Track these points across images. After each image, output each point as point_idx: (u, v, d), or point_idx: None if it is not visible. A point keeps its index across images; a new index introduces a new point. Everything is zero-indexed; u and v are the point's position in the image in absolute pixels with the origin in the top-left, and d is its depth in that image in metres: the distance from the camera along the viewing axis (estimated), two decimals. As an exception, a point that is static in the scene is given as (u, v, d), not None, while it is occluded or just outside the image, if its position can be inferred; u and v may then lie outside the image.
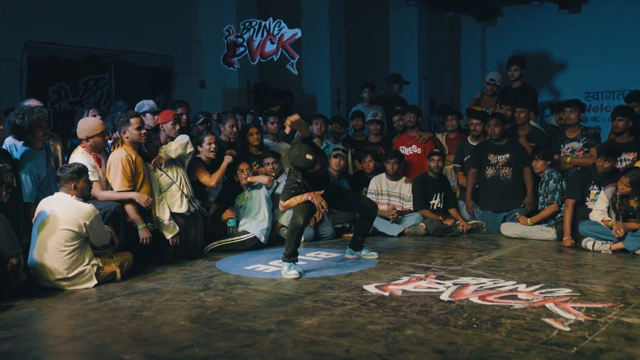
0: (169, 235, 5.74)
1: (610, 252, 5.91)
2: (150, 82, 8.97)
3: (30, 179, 5.09)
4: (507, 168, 7.23)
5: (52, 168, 5.32)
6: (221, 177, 6.43)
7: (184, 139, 6.06)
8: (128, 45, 8.59)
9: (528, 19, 12.81)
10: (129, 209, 5.45)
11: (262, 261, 5.72)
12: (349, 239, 6.09)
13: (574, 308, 4.01)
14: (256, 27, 7.79)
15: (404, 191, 7.47)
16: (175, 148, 5.96)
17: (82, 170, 4.91)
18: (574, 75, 12.26)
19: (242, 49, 7.92)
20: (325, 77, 10.58)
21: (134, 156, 5.56)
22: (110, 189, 5.50)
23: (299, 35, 7.58)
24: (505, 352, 3.23)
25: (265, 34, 7.71)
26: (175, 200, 5.88)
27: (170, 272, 5.35)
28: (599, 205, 6.12)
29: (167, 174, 5.86)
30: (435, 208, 7.41)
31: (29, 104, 5.43)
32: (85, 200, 4.93)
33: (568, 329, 3.59)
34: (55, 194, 4.89)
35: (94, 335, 3.65)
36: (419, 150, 7.98)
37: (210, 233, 6.47)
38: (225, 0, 9.47)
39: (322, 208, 5.26)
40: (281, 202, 5.50)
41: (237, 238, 6.37)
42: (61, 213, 4.73)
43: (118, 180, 5.43)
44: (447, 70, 13.71)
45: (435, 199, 7.44)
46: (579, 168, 6.91)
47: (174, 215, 5.83)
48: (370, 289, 4.63)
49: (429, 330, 3.62)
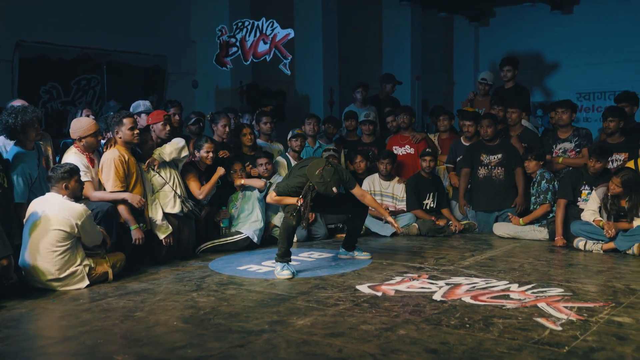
0: (162, 236, 5.72)
1: (601, 252, 5.94)
2: (142, 82, 8.94)
3: (22, 179, 5.05)
4: (500, 168, 7.25)
5: (43, 168, 5.28)
6: (210, 191, 6.29)
7: (180, 142, 5.99)
8: (120, 45, 8.56)
9: (520, 19, 12.85)
10: (122, 210, 5.43)
11: (255, 261, 5.72)
12: (341, 239, 6.09)
13: (566, 307, 4.03)
14: (249, 27, 7.78)
15: (397, 191, 7.48)
16: (169, 152, 5.91)
17: (74, 171, 4.89)
18: (566, 75, 12.31)
19: (235, 49, 7.90)
20: (318, 78, 10.57)
21: (126, 156, 5.54)
22: (103, 189, 5.48)
23: (292, 35, 7.57)
24: (498, 352, 3.24)
25: (258, 34, 7.69)
26: (168, 200, 5.86)
27: (163, 273, 5.34)
28: (591, 206, 6.15)
29: (160, 175, 5.84)
30: (428, 208, 7.42)
31: (15, 104, 5.37)
32: (77, 201, 4.91)
33: (560, 328, 3.61)
34: (47, 194, 4.87)
35: (86, 336, 3.64)
36: (412, 151, 7.99)
37: (203, 233, 6.46)
38: (218, 0, 9.45)
39: (305, 215, 5.23)
40: (272, 194, 5.44)
41: (230, 238, 6.35)
42: (52, 213, 4.71)
43: (110, 181, 5.42)
44: (440, 70, 13.74)
45: (428, 199, 7.45)
46: (571, 168, 6.94)
47: (166, 215, 5.82)
48: (363, 289, 4.64)
49: (422, 330, 3.63)
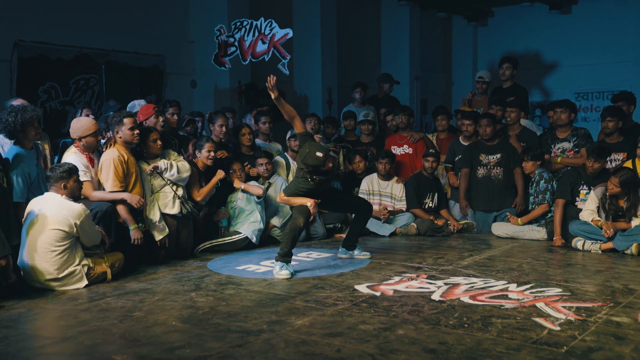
0: (158, 237, 5.71)
1: (600, 252, 5.94)
2: (141, 82, 8.93)
3: (21, 179, 5.05)
4: (499, 168, 7.26)
5: (42, 168, 5.28)
6: (208, 194, 6.27)
7: (189, 172, 6.02)
8: (119, 45, 8.55)
9: (519, 19, 12.88)
10: (121, 210, 5.43)
11: (254, 261, 5.72)
12: (340, 239, 6.09)
13: (564, 307, 4.03)
14: (247, 27, 7.77)
15: (396, 191, 7.49)
16: (179, 173, 5.85)
17: (73, 170, 4.89)
18: (564, 75, 12.34)
19: (234, 49, 7.89)
20: (316, 77, 10.58)
21: (126, 156, 5.54)
22: (103, 189, 5.48)
23: (291, 35, 7.56)
24: (496, 352, 3.24)
25: (256, 34, 7.69)
26: (167, 201, 5.85)
27: (162, 273, 5.33)
28: (589, 205, 6.15)
29: (162, 175, 5.83)
30: (427, 208, 7.42)
31: (15, 104, 5.37)
32: (76, 200, 4.90)
33: (558, 328, 3.62)
34: (46, 193, 4.86)
35: (84, 336, 3.63)
36: (410, 150, 8.00)
37: (202, 233, 6.44)
38: (216, 0, 9.45)
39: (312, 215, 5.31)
40: (281, 195, 5.48)
41: (229, 238, 6.35)
42: (51, 213, 4.71)
43: (109, 181, 5.41)
44: (439, 70, 13.75)
45: (428, 198, 7.45)
46: (569, 168, 6.95)
47: (165, 216, 5.81)
48: (362, 289, 4.64)
49: (420, 330, 3.63)
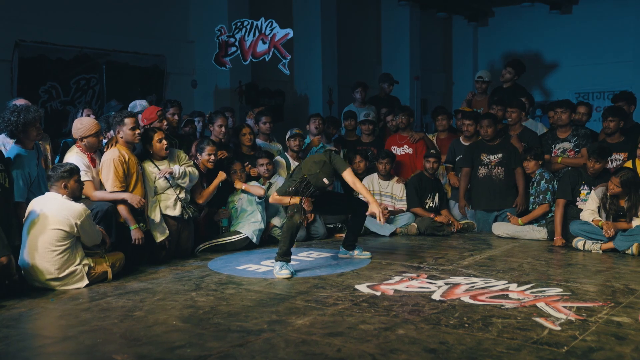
0: (159, 239, 5.71)
1: (600, 252, 5.94)
2: (141, 82, 8.93)
3: (22, 179, 5.06)
4: (500, 168, 7.25)
5: (42, 168, 5.29)
6: (210, 196, 6.28)
7: (197, 178, 6.07)
8: (119, 45, 8.56)
9: (519, 19, 12.88)
10: (122, 210, 5.43)
11: (254, 261, 5.72)
12: (340, 239, 6.09)
13: (565, 307, 4.03)
14: (248, 27, 7.78)
15: (396, 191, 7.49)
16: (190, 181, 5.92)
17: (74, 170, 4.89)
18: (565, 75, 12.34)
19: (234, 49, 7.90)
20: (317, 77, 10.58)
21: (127, 156, 5.54)
22: (104, 189, 5.48)
23: (291, 35, 7.57)
24: (497, 352, 3.24)
25: (257, 34, 7.69)
26: (170, 202, 5.84)
27: (162, 272, 5.33)
28: (590, 205, 6.15)
29: (169, 181, 5.83)
30: (427, 208, 7.41)
31: (18, 103, 5.38)
32: (77, 200, 4.91)
33: (559, 328, 3.61)
34: (46, 193, 4.87)
35: (85, 335, 3.63)
36: (410, 151, 7.99)
37: (203, 234, 6.43)
38: (217, 0, 9.46)
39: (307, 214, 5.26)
40: (274, 195, 5.49)
41: (229, 238, 6.34)
42: (52, 213, 4.71)
43: (110, 181, 5.42)
44: (439, 70, 13.75)
45: (429, 199, 7.45)
46: (570, 168, 6.94)
47: (166, 217, 5.82)
48: (362, 288, 4.64)
49: (421, 329, 3.63)
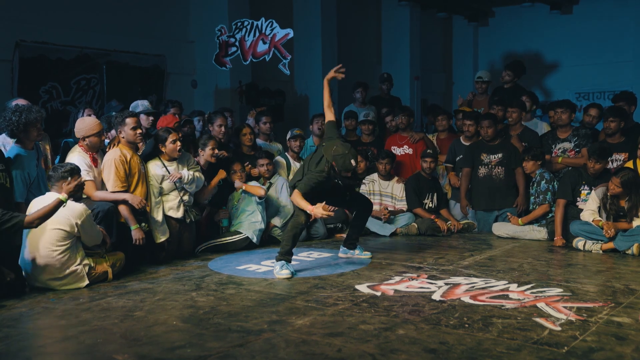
0: (159, 239, 5.71)
1: (601, 252, 5.94)
2: (141, 82, 8.94)
3: (21, 179, 5.06)
4: (500, 168, 7.25)
5: (42, 168, 5.29)
6: (211, 194, 6.31)
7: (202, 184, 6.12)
8: (120, 45, 8.57)
9: (519, 19, 12.88)
10: (123, 210, 5.43)
11: (254, 261, 5.72)
12: (341, 239, 6.08)
13: (565, 308, 4.03)
14: (248, 27, 7.78)
15: (396, 191, 7.49)
16: (197, 188, 5.98)
17: (74, 170, 4.89)
18: (565, 75, 12.35)
19: (234, 49, 7.90)
20: (317, 77, 10.54)
21: (128, 156, 5.53)
22: (106, 189, 5.48)
23: (291, 35, 7.57)
24: (497, 352, 3.24)
25: (257, 34, 7.70)
26: (173, 204, 5.86)
27: (162, 272, 5.34)
28: (590, 206, 6.15)
29: (176, 185, 5.84)
30: (427, 208, 7.42)
31: (18, 103, 5.38)
32: (77, 200, 4.91)
33: (559, 328, 3.62)
34: (47, 193, 4.85)
35: (85, 335, 3.64)
36: (410, 151, 8.00)
37: (203, 234, 6.43)
38: (217, 0, 9.46)
39: (326, 214, 5.02)
40: (297, 192, 5.14)
41: (229, 238, 6.34)
42: (52, 213, 4.71)
43: (111, 181, 5.42)
44: (439, 70, 13.75)
45: (428, 199, 7.46)
46: (570, 168, 6.94)
47: (169, 218, 5.82)
48: (362, 288, 4.64)
49: (421, 329, 3.63)
